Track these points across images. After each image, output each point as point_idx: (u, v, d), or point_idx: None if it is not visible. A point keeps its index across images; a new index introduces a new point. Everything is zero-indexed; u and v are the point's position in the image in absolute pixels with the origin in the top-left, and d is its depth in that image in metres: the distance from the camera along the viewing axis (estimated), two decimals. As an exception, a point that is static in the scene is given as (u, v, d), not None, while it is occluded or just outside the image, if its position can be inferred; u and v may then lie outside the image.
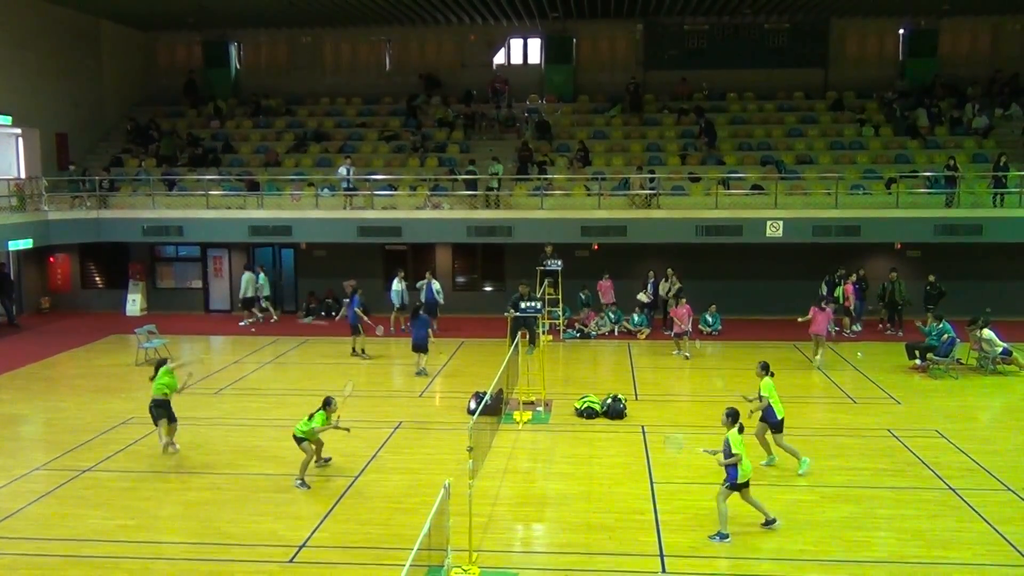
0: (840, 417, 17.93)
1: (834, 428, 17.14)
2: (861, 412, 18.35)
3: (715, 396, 19.14)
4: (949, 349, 21.22)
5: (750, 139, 31.49)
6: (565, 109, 34.03)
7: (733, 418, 12.37)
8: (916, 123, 31.07)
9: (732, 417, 12.39)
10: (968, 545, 11.95)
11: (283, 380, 21.46)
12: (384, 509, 13.27)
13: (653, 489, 13.97)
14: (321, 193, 28.51)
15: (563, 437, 16.80)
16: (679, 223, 26.58)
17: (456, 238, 28.17)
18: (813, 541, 12.05)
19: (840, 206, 26.51)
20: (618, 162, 30.42)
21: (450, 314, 28.06)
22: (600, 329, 26.46)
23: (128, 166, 31.72)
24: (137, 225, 28.25)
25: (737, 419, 12.37)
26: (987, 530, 12.45)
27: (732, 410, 12.52)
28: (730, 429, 12.24)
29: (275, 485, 14.27)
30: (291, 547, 11.95)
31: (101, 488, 14.24)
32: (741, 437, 12.23)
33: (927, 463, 15.09)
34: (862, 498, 13.58)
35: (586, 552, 11.80)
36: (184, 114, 35.15)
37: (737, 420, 12.35)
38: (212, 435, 16.82)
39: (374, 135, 33.05)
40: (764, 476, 14.40)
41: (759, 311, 28.30)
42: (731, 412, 12.47)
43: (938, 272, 26.11)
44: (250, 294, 28.43)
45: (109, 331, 27.06)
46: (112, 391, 20.28)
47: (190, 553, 11.86)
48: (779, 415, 14.57)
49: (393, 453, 15.85)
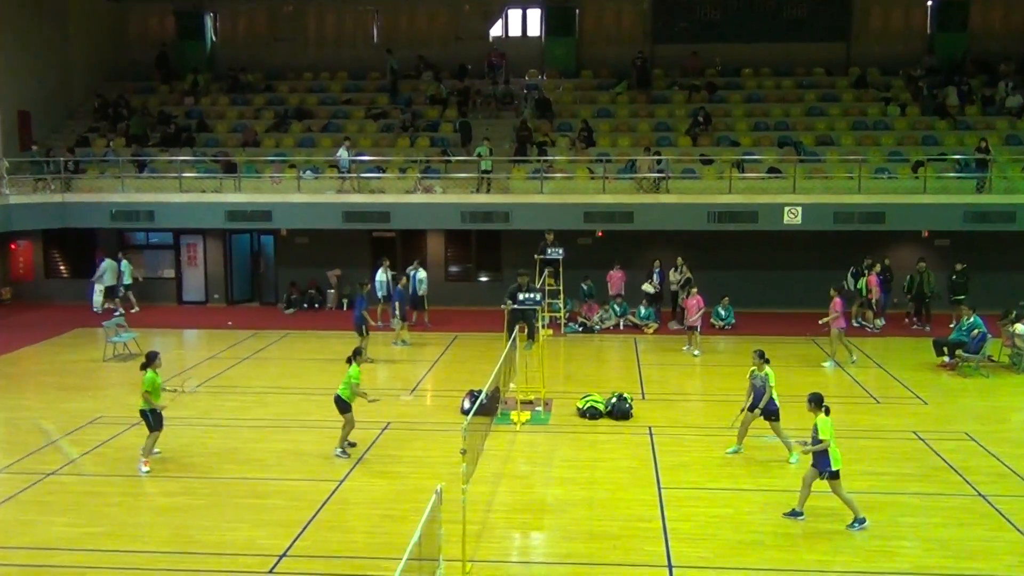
0: (862, 418, 17.95)
1: (855, 430, 17.13)
2: (885, 413, 18.37)
3: (728, 395, 19.13)
4: (979, 345, 21.23)
5: (766, 118, 31.44)
6: (567, 85, 33.95)
7: (817, 402, 12.81)
8: (945, 102, 31.03)
9: (816, 402, 12.83)
10: (998, 555, 11.98)
11: (263, 377, 21.44)
12: (371, 516, 13.28)
13: (661, 495, 13.98)
14: (303, 175, 28.47)
15: (564, 439, 16.80)
16: (690, 209, 26.56)
17: (449, 224, 28.13)
18: (832, 551, 12.07)
19: (863, 191, 26.49)
20: (624, 143, 30.37)
21: (443, 306, 28.05)
22: (604, 323, 26.46)
23: (95, 146, 31.61)
24: (105, 210, 28.18)
25: (822, 403, 12.78)
26: (1019, 539, 12.48)
27: (815, 395, 12.95)
28: (817, 414, 12.70)
29: (253, 490, 14.28)
30: (270, 557, 11.95)
31: (66, 493, 14.22)
32: (830, 420, 12.66)
33: (955, 468, 15.12)
34: (885, 505, 13.59)
35: (589, 563, 11.81)
36: (156, 90, 35.02)
37: (822, 404, 12.77)
38: (186, 436, 16.80)
39: (360, 113, 32.98)
40: (780, 480, 14.43)
41: (775, 304, 28.30)
42: (815, 397, 12.91)
43: (967, 262, 26.09)
44: (112, 283, 28.57)
45: (75, 324, 27.02)
46: (78, 389, 20.25)
47: (162, 563, 11.86)
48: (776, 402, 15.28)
49: (380, 456, 15.84)
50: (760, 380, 15.26)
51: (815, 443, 12.66)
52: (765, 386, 15.19)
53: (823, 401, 12.83)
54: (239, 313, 29.03)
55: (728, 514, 13.22)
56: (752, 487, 14.26)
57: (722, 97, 32.59)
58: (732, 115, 31.67)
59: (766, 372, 15.25)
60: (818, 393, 13.01)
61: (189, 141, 31.58)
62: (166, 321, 27.81)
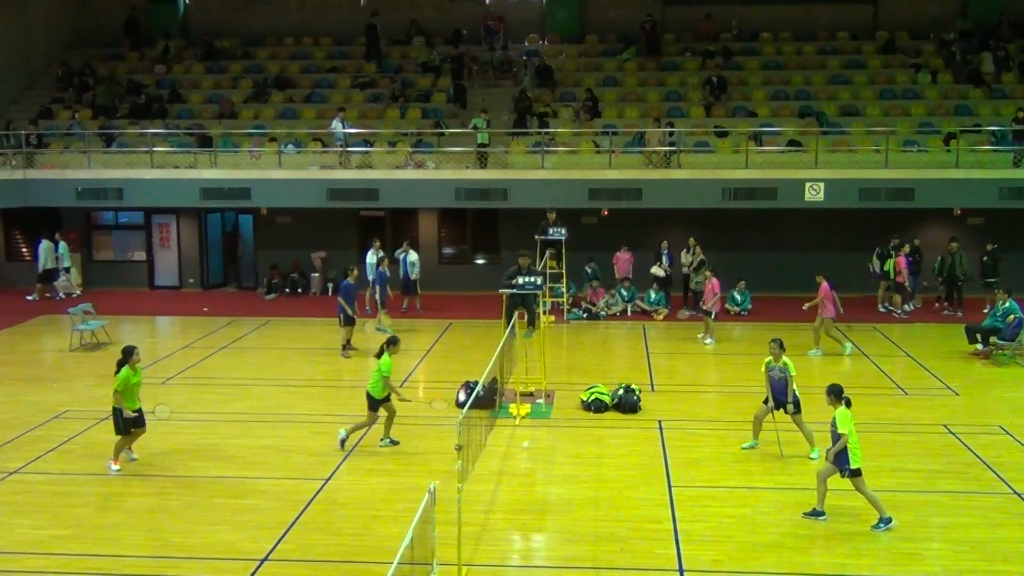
0: (889, 411, 18.02)
1: (882, 423, 17.21)
2: (914, 405, 18.44)
3: (744, 387, 19.19)
4: (1016, 332, 21.27)
5: (786, 87, 31.40)
6: (570, 51, 33.89)
7: (837, 394, 12.88)
8: (980, 68, 30.98)
9: (836, 394, 12.90)
10: (1034, 558, 12.05)
11: (242, 368, 21.49)
12: (359, 517, 13.33)
13: (671, 494, 14.04)
14: (284, 150, 28.45)
15: (567, 434, 16.86)
16: (703, 185, 26.57)
17: (443, 202, 28.13)
18: (856, 553, 12.13)
19: (891, 165, 26.49)
20: (632, 114, 30.35)
21: (436, 291, 28.08)
22: (610, 308, 26.50)
23: (59, 118, 31.57)
24: (70, 187, 28.17)
25: (842, 394, 12.86)
26: (1057, 541, 12.55)
27: (835, 386, 13.01)
28: (837, 407, 12.77)
29: (233, 490, 14.33)
30: (252, 560, 12.01)
31: (30, 493, 14.26)
32: (850, 413, 12.72)
33: (989, 464, 15.17)
34: (913, 504, 13.65)
35: (594, 566, 11.88)
36: (124, 57, 34.96)
37: (842, 395, 12.84)
38: (159, 432, 16.80)
39: (346, 82, 32.92)
40: (798, 477, 14.49)
41: (795, 288, 28.19)
42: (833, 388, 12.98)
43: (1003, 241, 26.12)
44: (49, 266, 28.63)
45: (38, 311, 27.06)
46: (43, 380, 20.30)
47: (134, 568, 11.91)
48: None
49: (369, 453, 15.89)
50: (780, 371, 15.24)
51: (834, 438, 12.72)
52: (787, 377, 15.17)
53: (843, 392, 12.88)
54: (215, 299, 29.07)
55: (743, 514, 13.27)
56: (769, 485, 14.31)
57: (738, 64, 32.53)
58: (749, 83, 31.62)
59: (784, 362, 15.24)
60: (837, 384, 13.05)
61: (161, 112, 31.53)
62: (137, 307, 27.83)
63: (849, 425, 12.62)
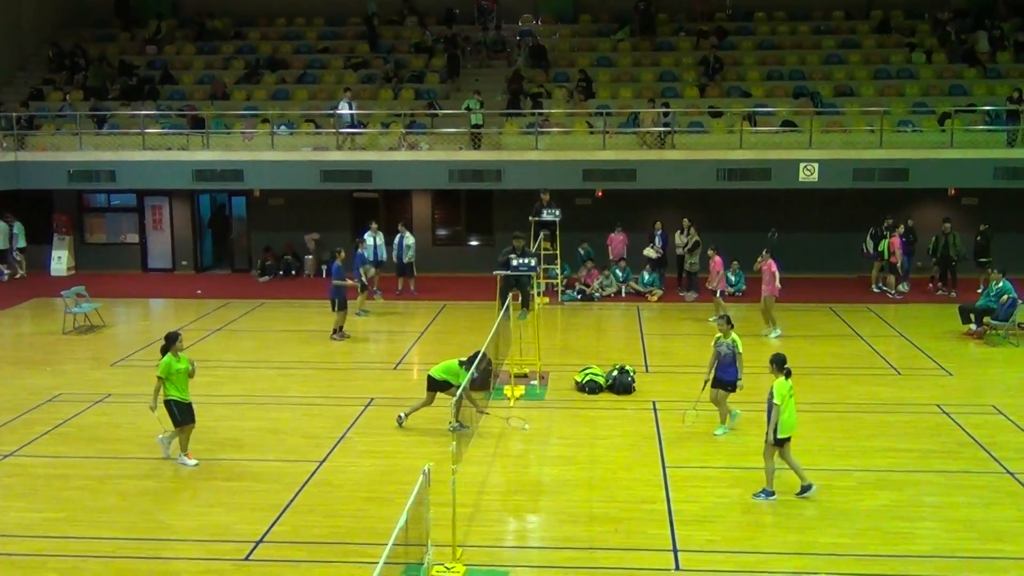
0: (883, 391, 18.06)
1: (875, 404, 17.27)
2: (907, 385, 18.49)
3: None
4: (1009, 312, 21.30)
5: (781, 67, 31.33)
6: (563, 31, 33.76)
7: (779, 364, 12.98)
8: (975, 48, 30.92)
9: (778, 363, 13.00)
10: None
11: (236, 350, 21.48)
12: (354, 499, 13.36)
13: (665, 475, 14.08)
14: (277, 131, 28.34)
15: (561, 415, 16.90)
16: (697, 166, 26.54)
17: (436, 184, 28.07)
18: (849, 533, 12.19)
19: (885, 145, 26.46)
20: (626, 94, 30.26)
21: (430, 273, 28.03)
22: (604, 290, 26.50)
23: (50, 100, 31.44)
24: (62, 169, 28.06)
25: (783, 364, 12.93)
26: (1049, 520, 12.62)
27: (777, 356, 13.14)
28: (777, 377, 12.88)
29: (227, 472, 14.34)
30: (246, 543, 12.03)
31: (25, 476, 14.27)
32: (789, 384, 12.83)
33: (982, 443, 15.23)
34: (906, 484, 13.72)
35: (588, 547, 11.92)
36: (115, 38, 34.76)
37: (784, 366, 12.91)
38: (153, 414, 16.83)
39: (339, 62, 32.79)
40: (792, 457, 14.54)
41: (789, 269, 28.00)
42: (776, 358, 13.09)
43: (996, 222, 26.12)
44: (4, 246, 28.69)
45: (31, 294, 26.99)
46: (36, 364, 20.26)
47: (128, 550, 11.93)
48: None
49: (364, 434, 15.91)
50: (727, 347, 15.27)
51: (769, 408, 12.90)
52: (733, 353, 15.24)
53: (785, 363, 12.97)
54: (209, 281, 29.02)
55: (737, 494, 13.33)
56: (762, 466, 14.30)
57: (733, 43, 32.42)
58: (743, 63, 31.53)
59: (733, 339, 15.33)
60: (781, 354, 13.22)
61: (152, 94, 31.37)
62: (130, 290, 27.78)
63: (784, 395, 12.74)
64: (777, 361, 13.03)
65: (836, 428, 15.93)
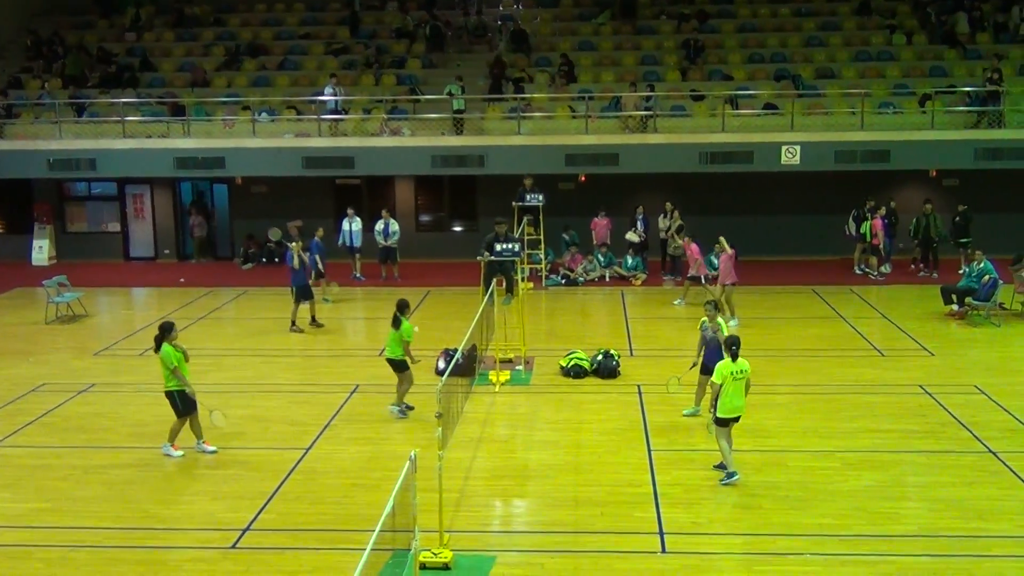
0: (866, 372, 18.14)
1: (858, 385, 17.34)
2: (889, 366, 18.57)
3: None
4: (990, 292, 21.41)
5: (762, 50, 31.32)
6: (545, 15, 33.64)
7: (727, 346, 12.99)
8: (955, 29, 30.99)
9: (726, 345, 13.06)
10: (1010, 515, 12.20)
11: (219, 338, 21.41)
12: (340, 486, 13.36)
13: (651, 458, 14.12)
14: (258, 118, 28.20)
15: (547, 399, 16.91)
16: (680, 149, 26.55)
17: (419, 170, 27.99)
18: (834, 514, 12.25)
19: (866, 127, 26.53)
20: (608, 78, 30.21)
21: (413, 259, 27.98)
22: (588, 274, 26.51)
23: (28, 88, 31.15)
24: (41, 158, 27.86)
25: (731, 347, 12.89)
26: (1031, 498, 12.71)
27: (729, 338, 13.22)
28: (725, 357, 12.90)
29: (213, 460, 14.31)
30: (233, 531, 12.02)
31: (9, 467, 14.21)
32: (736, 367, 12.78)
33: (964, 423, 15.32)
34: (890, 464, 13.80)
35: (574, 531, 11.95)
36: (94, 25, 34.49)
37: (731, 348, 12.88)
38: (138, 403, 16.78)
39: (319, 48, 32.61)
40: (777, 439, 14.61)
41: (772, 251, 28.39)
42: (727, 340, 13.17)
43: (976, 203, 26.23)
44: None
45: (12, 284, 26.82)
46: (19, 354, 20.14)
47: (115, 540, 11.90)
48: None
49: (349, 421, 15.90)
50: (712, 332, 15.23)
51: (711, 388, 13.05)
52: (719, 338, 15.15)
53: (733, 345, 12.96)
54: (191, 269, 28.89)
55: (721, 476, 13.36)
56: (748, 448, 14.36)
57: (714, 27, 32.40)
58: (725, 46, 31.52)
59: (719, 323, 15.22)
60: (734, 336, 13.31)
61: (132, 81, 31.14)
62: (112, 279, 27.65)
63: (725, 376, 12.76)
64: (727, 342, 13.08)
65: (819, 410, 15.99)
